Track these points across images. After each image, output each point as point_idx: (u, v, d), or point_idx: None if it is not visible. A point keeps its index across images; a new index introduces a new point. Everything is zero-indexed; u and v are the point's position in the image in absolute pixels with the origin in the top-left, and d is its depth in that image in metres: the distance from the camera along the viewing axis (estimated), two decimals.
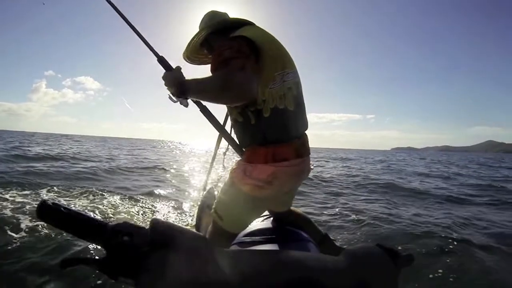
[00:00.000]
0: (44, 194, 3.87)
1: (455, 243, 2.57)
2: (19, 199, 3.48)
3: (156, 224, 0.48)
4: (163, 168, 7.68)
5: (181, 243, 0.47)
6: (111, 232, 0.47)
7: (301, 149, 1.09)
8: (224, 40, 1.01)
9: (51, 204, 0.48)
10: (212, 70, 0.98)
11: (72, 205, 3.41)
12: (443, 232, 2.89)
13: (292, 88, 1.06)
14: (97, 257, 0.46)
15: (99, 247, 0.47)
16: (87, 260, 0.46)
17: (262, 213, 1.25)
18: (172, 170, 7.57)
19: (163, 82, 1.05)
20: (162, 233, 0.47)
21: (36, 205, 0.48)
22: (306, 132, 1.17)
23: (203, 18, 1.17)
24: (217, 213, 1.09)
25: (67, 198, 3.78)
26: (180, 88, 0.95)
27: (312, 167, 1.20)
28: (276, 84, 1.01)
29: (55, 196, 3.88)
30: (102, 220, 0.50)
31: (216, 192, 1.19)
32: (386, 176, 8.32)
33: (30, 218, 3.17)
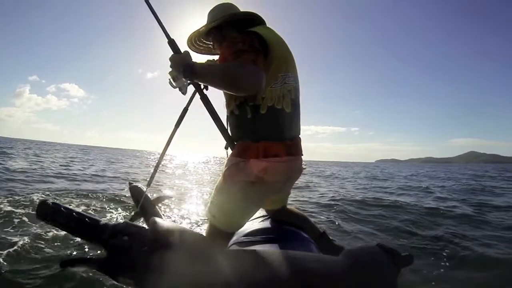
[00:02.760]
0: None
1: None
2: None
3: (156, 225, 0.48)
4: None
5: (180, 243, 0.47)
6: (111, 232, 0.47)
7: (293, 148, 1.11)
8: (237, 33, 1.05)
9: (51, 203, 0.48)
10: (221, 59, 1.00)
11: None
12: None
13: (292, 91, 1.08)
14: (97, 257, 0.46)
15: (99, 247, 0.47)
16: (87, 260, 0.47)
17: (256, 211, 1.26)
18: None
19: (170, 63, 1.07)
20: (161, 233, 0.47)
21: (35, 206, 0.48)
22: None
23: (217, 8, 1.19)
24: (211, 212, 1.10)
25: None
26: (188, 69, 0.97)
27: (304, 167, 1.20)
28: (277, 85, 1.04)
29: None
30: (102, 220, 0.50)
31: (142, 187, 1.16)
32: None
33: (28, 217, 3.18)
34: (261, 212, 1.43)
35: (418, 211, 4.29)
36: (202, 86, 1.19)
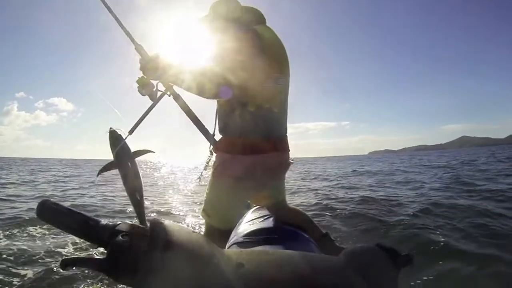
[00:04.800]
0: None
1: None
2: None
3: (156, 225, 0.48)
4: None
5: (180, 243, 0.47)
6: (111, 232, 0.47)
7: (279, 145, 1.14)
8: (238, 30, 1.10)
9: (51, 203, 0.48)
10: (215, 53, 1.08)
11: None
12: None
13: (282, 92, 1.12)
14: (97, 257, 0.46)
15: (99, 247, 0.47)
16: (88, 260, 0.47)
17: (245, 205, 1.28)
18: None
19: (140, 66, 1.07)
20: (161, 233, 0.47)
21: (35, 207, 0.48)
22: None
23: (224, 2, 1.20)
24: (206, 212, 1.13)
25: None
26: (162, 68, 0.99)
27: (291, 161, 1.22)
28: (269, 84, 1.07)
29: None
30: (102, 220, 0.50)
31: (123, 133, 1.09)
32: None
33: (28, 218, 3.18)
34: (261, 212, 1.43)
35: (414, 206, 4.19)
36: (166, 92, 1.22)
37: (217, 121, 1.20)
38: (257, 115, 1.06)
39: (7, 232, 2.77)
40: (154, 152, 1.03)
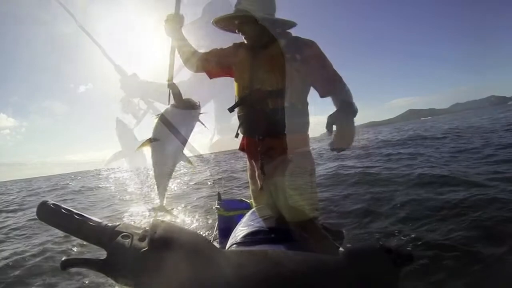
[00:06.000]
0: None
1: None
2: None
3: (156, 225, 0.48)
4: None
5: (181, 243, 0.47)
6: (112, 233, 0.47)
7: (277, 143, 1.17)
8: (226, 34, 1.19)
9: (51, 204, 0.48)
10: (204, 57, 1.20)
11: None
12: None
13: (274, 93, 1.14)
14: (97, 258, 0.46)
15: (99, 247, 0.47)
16: (88, 261, 0.46)
17: (245, 204, 1.31)
18: None
19: (121, 85, 1.14)
20: (161, 233, 0.47)
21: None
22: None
23: (217, 4, 1.28)
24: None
25: None
26: (141, 91, 1.09)
27: (290, 158, 1.23)
28: (258, 86, 1.11)
29: None
30: (102, 221, 0.50)
31: (129, 125, 1.17)
32: None
33: (28, 219, 3.18)
34: (261, 212, 1.43)
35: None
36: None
37: (216, 123, 1.25)
38: (248, 116, 1.11)
39: (9, 243, 2.77)
40: (158, 140, 1.07)
